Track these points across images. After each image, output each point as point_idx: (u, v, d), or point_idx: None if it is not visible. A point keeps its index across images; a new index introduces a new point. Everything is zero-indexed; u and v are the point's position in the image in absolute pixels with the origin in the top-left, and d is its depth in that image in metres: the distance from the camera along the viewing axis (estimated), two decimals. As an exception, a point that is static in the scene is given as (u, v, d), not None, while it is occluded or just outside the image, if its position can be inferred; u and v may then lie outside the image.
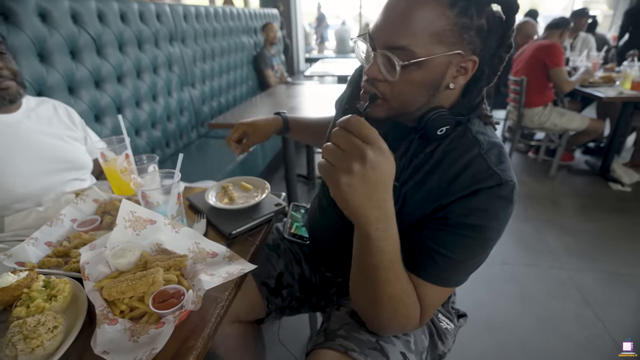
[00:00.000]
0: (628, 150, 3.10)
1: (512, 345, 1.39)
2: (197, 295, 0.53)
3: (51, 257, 0.71)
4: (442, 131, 0.58)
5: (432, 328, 0.76)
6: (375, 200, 0.47)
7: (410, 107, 0.59)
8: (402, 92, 0.57)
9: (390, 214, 0.50)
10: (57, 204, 0.88)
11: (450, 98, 0.60)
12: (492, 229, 0.56)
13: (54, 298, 0.56)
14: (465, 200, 0.55)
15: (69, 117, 1.12)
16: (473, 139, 0.59)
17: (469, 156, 0.57)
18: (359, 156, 0.44)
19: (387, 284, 0.54)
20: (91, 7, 1.51)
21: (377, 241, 0.50)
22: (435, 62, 0.53)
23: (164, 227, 0.67)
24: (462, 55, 0.54)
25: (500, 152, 0.58)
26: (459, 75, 0.56)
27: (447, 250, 0.56)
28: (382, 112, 0.60)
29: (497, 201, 0.54)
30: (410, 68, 0.53)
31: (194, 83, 2.38)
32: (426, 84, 0.56)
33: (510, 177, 0.55)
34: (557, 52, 2.40)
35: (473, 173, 0.56)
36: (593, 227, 2.14)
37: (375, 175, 0.45)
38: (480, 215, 0.54)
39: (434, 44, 0.52)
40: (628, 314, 1.51)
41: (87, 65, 1.49)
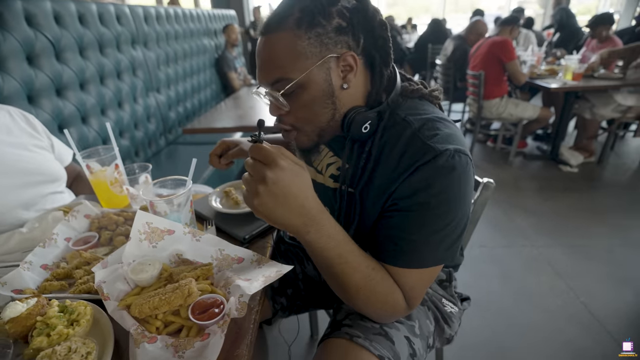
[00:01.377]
0: (570, 134, 3.44)
1: (498, 320, 1.49)
2: (240, 302, 0.52)
3: (52, 281, 0.64)
4: (367, 128, 0.59)
5: (437, 313, 0.79)
6: (293, 209, 0.50)
7: (320, 123, 0.60)
8: (304, 115, 0.60)
9: (316, 217, 0.52)
10: (42, 223, 0.80)
11: (356, 95, 0.61)
12: (443, 200, 0.55)
13: (75, 323, 0.52)
14: (407, 181, 0.55)
15: (28, 124, 1.00)
16: (403, 122, 0.59)
17: (403, 139, 0.57)
18: (260, 178, 0.48)
19: (345, 276, 0.56)
20: (46, 8, 1.37)
21: (314, 242, 0.53)
22: (312, 76, 0.56)
23: (183, 236, 0.64)
24: (337, 56, 0.56)
25: (433, 126, 0.58)
26: (347, 74, 0.58)
27: (406, 232, 0.57)
28: (303, 141, 0.64)
29: (438, 172, 0.54)
30: (295, 92, 0.57)
31: (159, 88, 2.26)
32: (319, 97, 0.58)
33: (445, 146, 0.54)
34: (510, 47, 2.61)
35: (411, 153, 0.56)
36: (551, 206, 2.35)
37: (279, 189, 0.48)
38: (424, 192, 0.54)
39: (302, 61, 0.55)
40: (593, 281, 1.68)
41: (47, 72, 1.36)
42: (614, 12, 5.08)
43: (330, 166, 0.72)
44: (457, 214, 0.57)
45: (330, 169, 0.72)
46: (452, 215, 0.56)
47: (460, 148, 0.55)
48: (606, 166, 2.93)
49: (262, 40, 0.58)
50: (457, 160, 0.54)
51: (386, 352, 0.61)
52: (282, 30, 0.55)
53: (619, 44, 3.01)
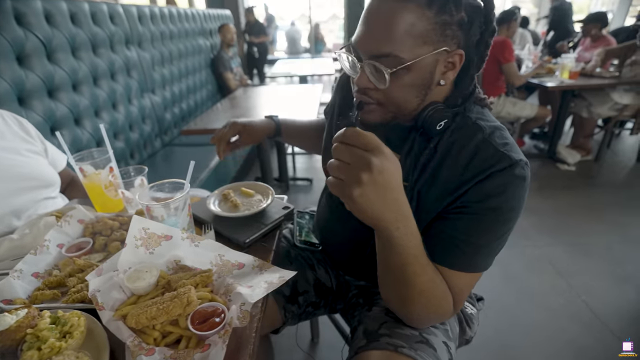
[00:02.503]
0: (566, 133, 3.45)
1: (500, 319, 1.47)
2: (242, 311, 0.49)
3: (44, 290, 0.62)
4: (441, 125, 0.59)
5: (461, 315, 0.78)
6: (389, 202, 0.48)
7: (405, 109, 0.60)
8: (395, 97, 0.58)
9: (406, 212, 0.51)
10: (34, 229, 0.77)
11: (443, 92, 0.61)
12: (510, 208, 0.56)
13: (68, 335, 0.49)
14: (479, 185, 0.55)
15: (22, 128, 0.97)
16: (474, 125, 0.59)
17: (474, 143, 0.57)
18: (365, 165, 0.45)
19: (415, 278, 0.55)
20: (37, 7, 1.34)
21: (399, 240, 0.51)
22: (422, 63, 0.54)
23: (181, 242, 0.61)
24: (448, 51, 0.54)
25: (502, 135, 0.58)
26: (448, 71, 0.57)
27: (470, 236, 0.57)
28: (377, 116, 0.61)
29: (512, 181, 0.54)
30: (399, 73, 0.54)
31: (154, 89, 2.22)
32: (417, 85, 0.56)
33: (519, 156, 0.56)
34: (509, 48, 2.59)
35: (483, 158, 0.56)
36: (551, 204, 2.34)
37: (384, 179, 0.45)
38: (497, 198, 0.55)
39: (419, 45, 0.52)
40: (593, 279, 1.68)
41: (38, 72, 1.32)
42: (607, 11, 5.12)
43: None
44: (513, 224, 0.58)
45: None
46: (512, 224, 0.58)
47: (527, 160, 0.57)
48: (603, 164, 2.94)
49: (386, 5, 0.52)
50: (527, 172, 0.56)
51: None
52: (409, 2, 0.51)
53: (613, 43, 3.02)
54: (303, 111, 2.15)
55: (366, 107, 0.60)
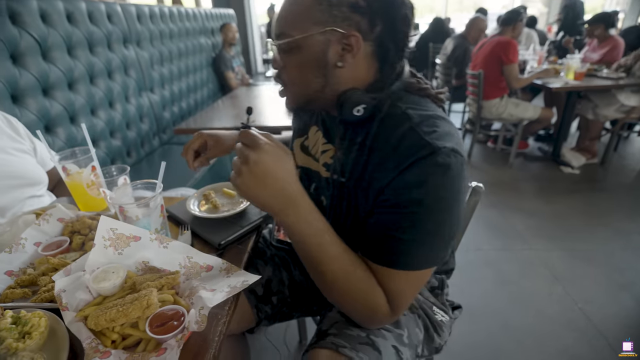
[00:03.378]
0: (573, 135, 3.38)
1: (492, 325, 1.45)
2: (200, 315, 0.49)
3: (15, 288, 0.62)
4: (360, 111, 0.58)
5: (427, 321, 0.76)
6: (273, 191, 0.53)
7: (308, 89, 0.61)
8: (294, 75, 0.61)
9: (295, 200, 0.54)
10: (14, 227, 0.77)
11: (359, 79, 0.60)
12: (437, 199, 0.53)
13: (27, 336, 0.49)
14: (400, 176, 0.53)
15: (11, 127, 0.98)
16: (402, 115, 0.57)
17: (400, 132, 0.55)
18: (244, 159, 0.52)
19: (323, 265, 0.56)
20: (32, 7, 1.36)
21: (294, 227, 0.55)
22: (309, 41, 0.56)
23: (150, 243, 0.61)
24: (340, 32, 0.55)
25: (433, 123, 0.56)
26: (345, 53, 0.57)
27: (396, 232, 0.54)
28: (290, 100, 0.66)
29: (433, 170, 0.52)
30: (292, 52, 0.58)
31: (153, 88, 2.24)
32: (310, 64, 0.58)
33: (444, 143, 0.52)
34: (513, 49, 2.55)
35: (405, 147, 0.53)
36: (551, 208, 2.30)
37: (260, 169, 0.51)
38: (418, 189, 0.52)
39: (307, 25, 0.56)
40: (592, 286, 1.64)
41: (32, 71, 1.34)
42: (620, 10, 4.99)
43: (324, 154, 0.70)
44: (449, 216, 0.55)
45: (324, 157, 0.70)
46: (444, 216, 0.54)
47: (457, 148, 0.53)
48: (609, 168, 2.87)
49: None
50: (454, 160, 0.52)
51: None
52: None
53: (620, 44, 2.95)
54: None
55: (280, 91, 0.66)
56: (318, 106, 0.66)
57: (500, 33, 2.70)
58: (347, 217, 0.63)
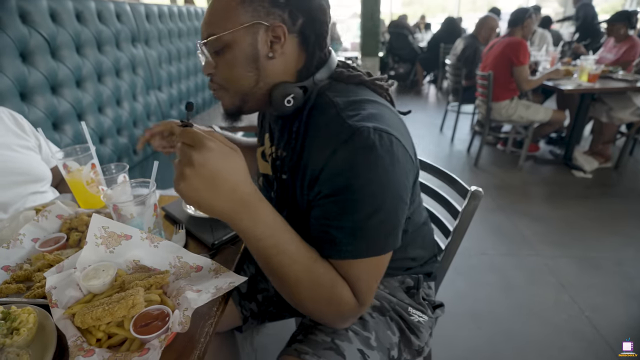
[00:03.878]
0: (586, 139, 3.30)
1: (497, 333, 1.42)
2: (184, 316, 0.48)
3: (10, 284, 0.63)
4: (290, 102, 0.59)
5: (401, 323, 0.74)
6: (223, 194, 0.47)
7: (243, 86, 0.61)
8: (228, 74, 0.60)
9: (249, 202, 0.49)
10: (14, 222, 0.79)
11: (288, 70, 0.61)
12: (366, 183, 0.51)
13: (15, 332, 0.50)
14: (327, 165, 0.52)
15: (16, 124, 1.00)
16: (329, 102, 0.57)
17: (325, 119, 0.55)
18: (187, 160, 0.46)
19: (284, 268, 0.52)
20: (42, 6, 1.38)
21: (249, 231, 0.50)
22: (237, 36, 0.57)
23: (141, 242, 0.61)
24: (265, 25, 0.56)
25: (359, 106, 0.55)
26: (275, 44, 0.58)
27: (336, 221, 0.53)
28: (226, 102, 0.64)
29: (356, 152, 0.50)
30: (222, 50, 0.58)
31: (161, 86, 2.26)
32: (242, 59, 0.58)
33: (363, 124, 0.51)
34: (524, 50, 2.50)
35: (330, 133, 0.53)
36: (561, 213, 2.24)
37: (207, 171, 0.46)
38: (344, 174, 0.51)
39: (232, 22, 0.56)
40: (600, 295, 1.59)
41: (41, 69, 1.36)
42: (639, 10, 4.85)
43: (272, 155, 0.71)
44: (385, 199, 0.52)
45: (271, 157, 0.71)
46: (380, 199, 0.52)
47: (380, 127, 0.52)
48: (623, 172, 2.79)
49: (209, 2, 0.61)
50: (377, 139, 0.50)
51: None
52: None
53: (638, 44, 2.86)
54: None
55: (217, 94, 0.64)
56: (253, 105, 0.64)
57: (510, 33, 2.65)
58: (291, 212, 0.63)
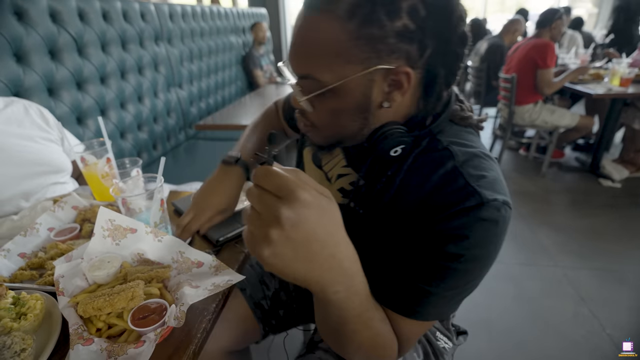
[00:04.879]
0: (616, 146, 3.14)
1: (510, 345, 1.37)
2: (180, 311, 0.49)
3: (24, 270, 0.66)
4: (397, 152, 0.49)
5: (428, 347, 0.72)
6: (318, 261, 0.36)
7: (344, 134, 0.52)
8: (325, 119, 0.51)
9: (349, 270, 0.40)
10: (33, 212, 0.83)
11: (400, 113, 0.51)
12: (475, 257, 0.46)
13: (23, 317, 0.52)
14: (440, 224, 0.46)
15: (42, 118, 1.05)
16: (444, 151, 0.49)
17: (441, 172, 0.48)
18: (274, 218, 0.34)
19: (354, 335, 0.47)
20: (71, 6, 1.44)
21: (339, 303, 0.41)
22: (349, 85, 0.45)
23: (145, 235, 0.63)
24: (387, 68, 0.44)
25: (480, 164, 0.48)
26: (393, 91, 0.47)
27: (424, 283, 0.48)
28: (319, 139, 0.55)
29: (479, 224, 0.44)
30: (324, 97, 0.46)
31: (181, 84, 2.32)
32: (350, 110, 0.48)
33: (493, 195, 0.45)
34: (550, 52, 2.39)
35: (448, 192, 0.46)
36: (585, 223, 2.15)
37: (302, 234, 0.34)
38: (459, 244, 0.45)
39: (341, 65, 0.44)
40: (623, 310, 1.51)
41: (68, 66, 1.42)
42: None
43: (341, 178, 0.62)
44: (481, 273, 0.49)
45: (341, 181, 0.62)
46: (477, 273, 0.48)
47: (507, 200, 0.46)
48: (656, 183, 2.64)
49: (303, 18, 0.46)
50: (503, 215, 0.45)
51: None
52: (327, 13, 0.42)
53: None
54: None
55: (306, 129, 0.54)
56: (351, 143, 0.56)
57: (537, 35, 2.55)
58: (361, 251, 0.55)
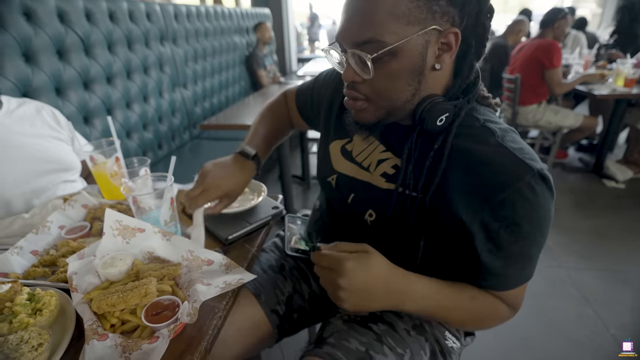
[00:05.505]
0: (620, 147, 3.13)
1: (514, 345, 1.38)
2: (192, 307, 0.50)
3: (37, 267, 0.67)
4: (442, 120, 0.53)
5: (435, 346, 0.72)
6: (380, 296, 0.53)
7: (398, 100, 0.55)
8: (384, 87, 0.53)
9: (403, 289, 0.54)
10: (44, 210, 0.84)
11: (440, 82, 0.55)
12: (543, 222, 0.53)
13: (39, 312, 0.53)
14: (504, 202, 0.50)
15: (53, 118, 1.07)
16: (484, 128, 0.54)
17: (488, 149, 0.52)
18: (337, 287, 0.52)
19: (450, 318, 0.61)
20: (78, 6, 1.46)
21: (414, 309, 0.56)
22: (409, 45, 0.49)
23: (153, 235, 0.64)
24: (439, 30, 0.49)
25: (514, 138, 0.54)
26: (443, 53, 0.51)
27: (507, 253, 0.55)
28: (370, 115, 0.57)
29: (538, 193, 0.50)
30: (384, 60, 0.50)
31: (186, 83, 2.33)
32: (407, 71, 0.51)
33: (540, 164, 0.51)
34: (556, 52, 2.39)
35: (502, 170, 0.51)
36: (588, 224, 2.14)
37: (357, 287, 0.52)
38: (526, 214, 0.51)
39: (402, 26, 0.48)
40: (627, 311, 1.51)
41: (75, 66, 1.44)
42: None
43: (382, 163, 0.64)
44: (547, 232, 0.56)
45: (383, 166, 0.64)
46: (546, 235, 0.56)
47: (545, 165, 0.53)
48: (660, 184, 2.63)
49: None
50: (548, 174, 0.52)
51: None
52: None
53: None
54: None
55: (358, 104, 0.57)
56: (396, 118, 0.59)
57: (540, 35, 2.55)
58: (428, 234, 0.60)
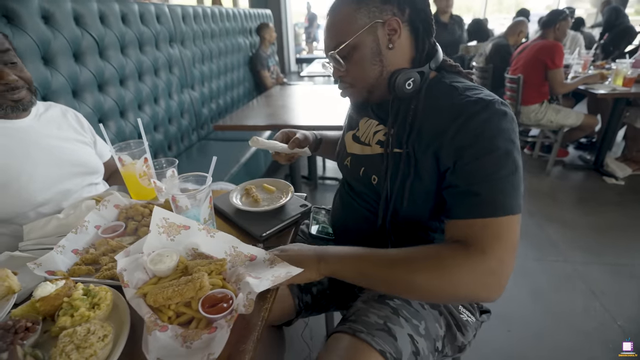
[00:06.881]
0: (618, 144, 3.19)
1: (525, 338, 1.41)
2: (248, 299, 0.53)
3: (80, 265, 0.69)
4: (410, 85, 0.68)
5: (450, 319, 0.77)
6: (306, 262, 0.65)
7: (370, 78, 0.71)
8: (357, 71, 0.71)
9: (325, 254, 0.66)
10: (77, 210, 0.86)
11: (403, 57, 0.70)
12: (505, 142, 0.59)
13: (96, 306, 0.55)
14: (461, 133, 0.61)
15: (77, 122, 1.09)
16: (449, 86, 0.68)
17: (448, 100, 0.65)
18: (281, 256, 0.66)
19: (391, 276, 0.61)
20: (93, 9, 1.47)
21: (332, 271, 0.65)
22: (361, 38, 0.68)
23: (198, 232, 0.66)
24: (381, 22, 0.67)
25: (477, 90, 0.65)
26: (392, 35, 0.68)
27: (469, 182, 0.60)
28: (357, 96, 0.76)
29: (494, 116, 0.60)
30: (350, 53, 0.70)
31: (194, 85, 2.35)
32: (369, 55, 0.69)
33: (493, 97, 0.62)
34: (559, 53, 2.43)
35: (460, 106, 0.62)
36: (592, 220, 2.19)
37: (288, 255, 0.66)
38: (486, 136, 0.59)
39: (355, 28, 0.68)
40: (633, 303, 1.55)
41: (91, 68, 1.45)
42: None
43: (377, 134, 0.78)
44: (516, 160, 0.60)
45: (377, 136, 0.78)
46: (512, 159, 0.59)
47: (504, 102, 0.63)
48: (658, 180, 2.69)
49: (328, 18, 0.73)
50: (506, 108, 0.61)
51: (388, 348, 0.63)
52: (341, 5, 0.70)
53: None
54: (337, 110, 2.15)
55: (347, 91, 0.77)
56: (378, 94, 0.74)
57: (542, 36, 2.60)
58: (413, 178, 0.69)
